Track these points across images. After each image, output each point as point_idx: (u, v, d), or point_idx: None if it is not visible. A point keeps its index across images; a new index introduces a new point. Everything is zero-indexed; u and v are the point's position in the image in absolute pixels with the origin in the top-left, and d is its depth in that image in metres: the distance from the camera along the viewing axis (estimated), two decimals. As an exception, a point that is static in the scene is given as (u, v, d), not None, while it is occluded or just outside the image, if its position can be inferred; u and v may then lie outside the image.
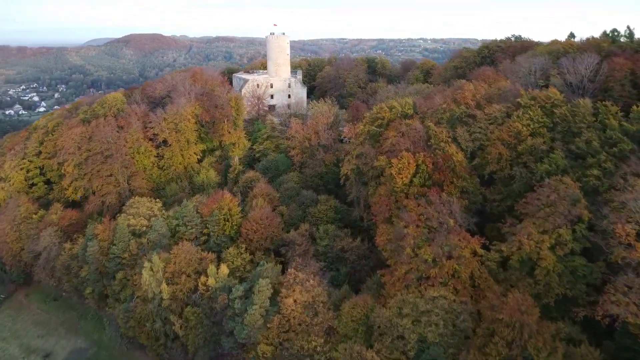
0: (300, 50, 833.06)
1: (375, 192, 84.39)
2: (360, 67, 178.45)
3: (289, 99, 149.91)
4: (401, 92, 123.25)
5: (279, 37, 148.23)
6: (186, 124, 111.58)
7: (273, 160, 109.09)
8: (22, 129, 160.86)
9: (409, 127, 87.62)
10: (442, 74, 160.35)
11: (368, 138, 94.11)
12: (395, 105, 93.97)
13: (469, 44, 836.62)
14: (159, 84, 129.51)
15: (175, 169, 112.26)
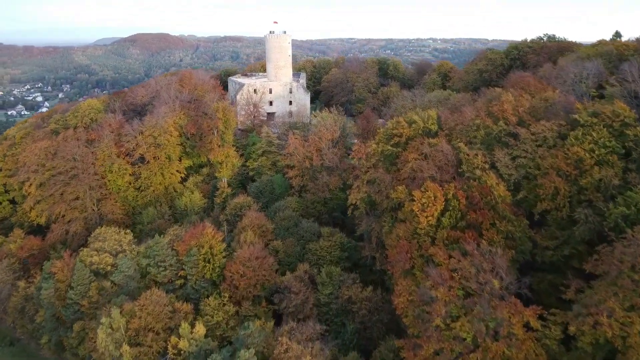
0: (308, 50, 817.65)
1: (392, 231, 67.06)
2: (371, 69, 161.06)
3: (290, 105, 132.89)
4: (419, 100, 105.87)
5: (279, 36, 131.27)
6: (167, 137, 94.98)
7: (268, 181, 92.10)
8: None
9: (434, 148, 70.24)
10: (464, 78, 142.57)
11: (382, 160, 76.88)
12: (415, 119, 76.58)
13: (479, 44, 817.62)
14: (141, 89, 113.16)
15: (154, 191, 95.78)
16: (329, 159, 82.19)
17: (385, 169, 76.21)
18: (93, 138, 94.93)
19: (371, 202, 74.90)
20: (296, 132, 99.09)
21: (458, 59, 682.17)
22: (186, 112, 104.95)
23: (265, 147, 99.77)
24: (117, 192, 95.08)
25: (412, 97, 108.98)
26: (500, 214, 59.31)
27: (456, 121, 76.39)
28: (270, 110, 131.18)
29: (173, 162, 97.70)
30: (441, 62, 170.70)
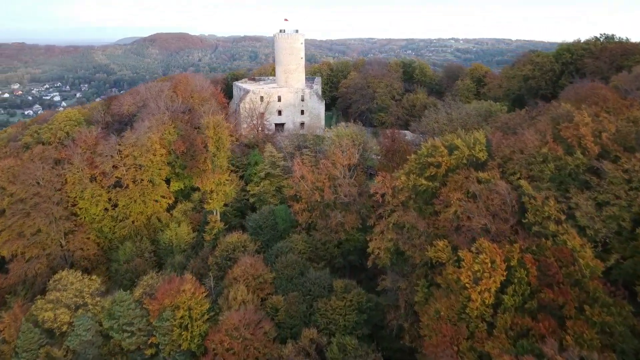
0: (328, 50, 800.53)
1: (428, 301, 49.20)
2: (394, 73, 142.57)
3: (302, 115, 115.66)
4: (456, 114, 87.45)
5: (290, 35, 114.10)
6: (150, 157, 78.66)
7: (269, 214, 74.91)
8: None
9: (485, 186, 52.14)
10: (503, 84, 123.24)
11: (414, 197, 59.02)
12: (458, 144, 58.37)
13: (502, 44, 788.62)
14: (127, 97, 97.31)
15: (134, 222, 79.57)
16: (344, 192, 64.65)
17: (418, 210, 58.26)
18: (62, 157, 79.06)
19: (398, 252, 57.13)
20: (305, 152, 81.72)
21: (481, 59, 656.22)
22: (178, 125, 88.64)
23: (268, 168, 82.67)
24: (90, 222, 79.18)
25: (447, 109, 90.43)
26: (590, 295, 40.92)
27: (512, 148, 57.86)
28: (278, 121, 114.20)
29: (158, 186, 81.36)
30: (474, 66, 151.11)
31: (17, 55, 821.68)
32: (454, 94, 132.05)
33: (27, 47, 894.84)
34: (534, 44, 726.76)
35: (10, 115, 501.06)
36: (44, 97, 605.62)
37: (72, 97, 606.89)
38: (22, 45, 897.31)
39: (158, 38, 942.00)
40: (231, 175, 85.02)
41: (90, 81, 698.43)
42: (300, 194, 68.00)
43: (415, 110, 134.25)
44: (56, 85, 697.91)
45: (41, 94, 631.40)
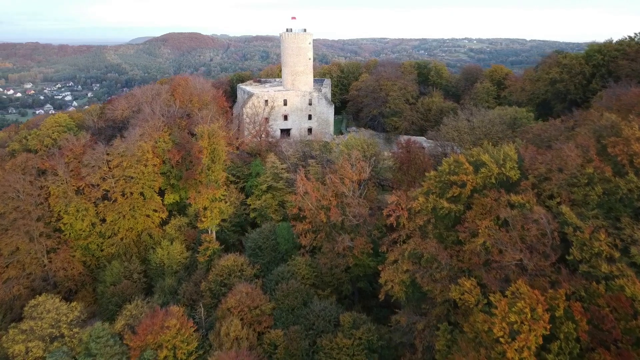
0: (340, 49, 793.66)
1: (451, 349, 41.30)
2: (409, 75, 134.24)
3: (310, 120, 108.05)
4: (478, 120, 79.16)
5: (297, 35, 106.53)
6: (140, 168, 71.69)
7: (270, 233, 67.43)
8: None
9: (520, 213, 44.07)
10: (527, 87, 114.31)
11: (433, 221, 51.10)
12: (485, 159, 50.23)
13: (516, 44, 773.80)
14: (122, 101, 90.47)
15: (123, 239, 72.65)
16: (353, 213, 56.94)
17: (439, 237, 50.34)
18: (46, 167, 72.41)
19: (415, 286, 49.28)
20: (311, 164, 74.01)
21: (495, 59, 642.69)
22: (174, 131, 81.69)
23: (270, 181, 75.19)
24: (75, 239, 72.49)
25: (467, 115, 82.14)
26: (659, 358, 32.83)
27: (549, 165, 49.60)
28: (284, 127, 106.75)
29: (149, 199, 74.38)
30: (494, 67, 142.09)
31: (30, 55, 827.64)
32: (472, 98, 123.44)
33: (40, 46, 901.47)
34: (549, 44, 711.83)
35: (22, 114, 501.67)
36: (55, 97, 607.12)
37: (84, 96, 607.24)
38: (36, 45, 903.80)
39: (170, 38, 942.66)
40: (230, 188, 77.86)
41: (102, 81, 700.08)
42: (304, 213, 60.40)
43: (431, 115, 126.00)
44: (68, 84, 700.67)
45: (53, 93, 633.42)
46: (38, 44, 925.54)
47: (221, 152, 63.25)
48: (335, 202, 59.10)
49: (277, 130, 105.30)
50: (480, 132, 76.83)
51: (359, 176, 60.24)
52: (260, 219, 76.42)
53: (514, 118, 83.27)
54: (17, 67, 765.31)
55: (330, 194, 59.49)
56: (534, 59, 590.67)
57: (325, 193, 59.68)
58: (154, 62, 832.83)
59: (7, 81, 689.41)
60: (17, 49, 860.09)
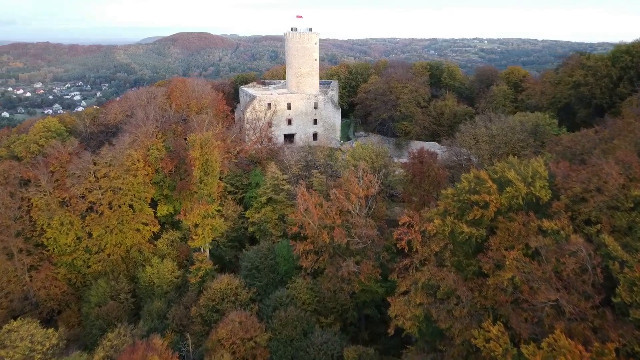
0: (349, 49, 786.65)
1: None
2: (420, 77, 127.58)
3: (315, 125, 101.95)
4: (497, 128, 72.39)
5: (302, 34, 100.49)
6: (129, 179, 66.09)
7: (268, 251, 61.43)
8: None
9: (553, 242, 37.63)
10: (547, 91, 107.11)
11: (451, 247, 44.76)
12: (511, 177, 43.78)
13: (528, 44, 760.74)
14: (115, 105, 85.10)
15: (110, 255, 67.10)
16: (359, 234, 50.77)
17: (458, 266, 44.07)
18: (29, 178, 67.06)
19: (430, 321, 42.96)
20: (315, 174, 67.82)
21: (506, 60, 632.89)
22: (168, 138, 76.09)
23: (270, 193, 69.17)
24: (59, 254, 67.08)
25: (485, 122, 75.37)
26: None
27: (585, 184, 43.07)
28: (288, 132, 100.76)
29: (139, 212, 68.74)
30: (510, 69, 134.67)
31: (41, 55, 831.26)
32: (488, 101, 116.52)
33: (51, 46, 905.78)
34: (561, 44, 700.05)
35: (30, 114, 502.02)
36: (64, 96, 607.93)
37: (92, 96, 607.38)
38: (47, 45, 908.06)
39: (179, 37, 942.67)
40: (227, 200, 72.03)
41: (111, 80, 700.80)
42: (306, 232, 54.32)
43: (444, 119, 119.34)
44: (77, 84, 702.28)
45: (62, 93, 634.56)
46: (49, 43, 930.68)
47: (215, 164, 57.37)
48: (340, 220, 52.92)
49: (280, 135, 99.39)
50: (500, 140, 70.23)
51: (367, 191, 54.00)
52: (259, 234, 70.50)
53: (535, 125, 76.60)
54: (28, 66, 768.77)
55: (334, 211, 53.32)
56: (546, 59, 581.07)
57: (328, 210, 53.53)
58: (163, 62, 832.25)
59: (17, 81, 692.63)
60: (29, 49, 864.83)
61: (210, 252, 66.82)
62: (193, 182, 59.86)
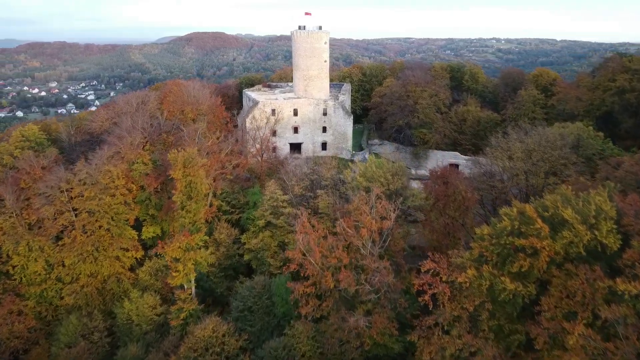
0: (364, 49, 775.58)
1: None
2: (440, 79, 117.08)
3: (324, 134, 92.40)
4: (534, 142, 61.87)
5: (311, 33, 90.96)
6: (106, 200, 57.27)
7: (263, 290, 51.95)
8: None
9: (634, 313, 27.50)
10: (585, 97, 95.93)
11: (490, 308, 34.83)
12: (567, 216, 33.68)
13: (546, 44, 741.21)
14: (102, 111, 76.79)
15: (84, 286, 58.39)
16: (371, 281, 41.11)
17: (498, 333, 34.23)
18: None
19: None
20: (321, 194, 58.16)
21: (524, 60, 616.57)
22: (157, 149, 67.28)
23: (269, 216, 59.75)
24: (28, 284, 58.61)
25: (519, 134, 64.78)
26: None
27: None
28: (294, 141, 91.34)
29: (118, 237, 59.89)
30: (539, 71, 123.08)
31: (57, 54, 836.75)
32: (516, 107, 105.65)
33: (67, 45, 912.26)
34: (580, 44, 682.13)
35: (44, 113, 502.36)
36: (78, 96, 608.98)
37: (106, 95, 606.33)
38: (63, 44, 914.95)
39: (194, 37, 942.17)
40: (220, 223, 62.83)
41: (125, 80, 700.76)
42: (306, 271, 44.86)
43: (466, 126, 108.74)
44: (92, 83, 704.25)
45: (76, 92, 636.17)
46: (65, 43, 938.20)
47: (200, 186, 48.21)
48: (347, 259, 43.29)
49: (285, 145, 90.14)
50: (537, 156, 59.88)
51: (381, 224, 44.29)
52: (255, 263, 61.12)
53: (578, 138, 66.05)
54: (44, 65, 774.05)
55: (340, 247, 43.74)
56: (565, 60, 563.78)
57: (334, 246, 43.95)
58: (178, 61, 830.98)
59: (33, 80, 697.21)
60: (45, 48, 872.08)
61: (198, 284, 57.72)
62: (174, 209, 50.70)
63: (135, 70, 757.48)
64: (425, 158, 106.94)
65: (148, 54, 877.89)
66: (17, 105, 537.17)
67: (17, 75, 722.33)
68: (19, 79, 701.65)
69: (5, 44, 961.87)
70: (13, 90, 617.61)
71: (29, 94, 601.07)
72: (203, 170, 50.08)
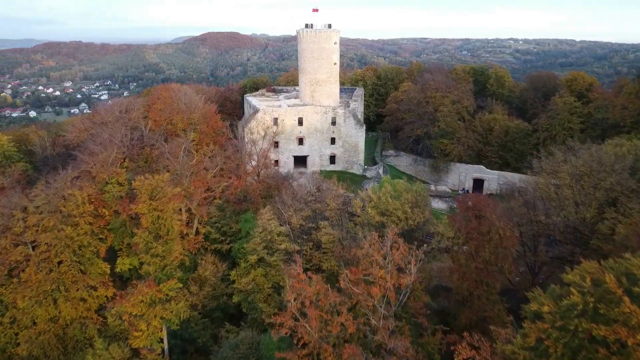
0: (379, 50, 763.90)
1: None
2: (464, 84, 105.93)
3: (333, 145, 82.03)
4: (584, 163, 50.71)
5: (319, 32, 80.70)
6: (67, 230, 47.76)
7: (249, 349, 41.81)
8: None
9: None
10: (631, 106, 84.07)
11: None
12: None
13: (565, 45, 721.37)
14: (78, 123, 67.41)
15: (41, 333, 48.93)
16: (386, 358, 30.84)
17: None
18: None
19: None
20: (325, 226, 47.89)
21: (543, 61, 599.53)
22: (138, 166, 57.71)
23: (262, 251, 49.67)
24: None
25: (566, 155, 53.62)
26: None
27: None
28: (299, 153, 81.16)
29: (82, 275, 50.36)
30: (573, 75, 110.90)
31: (73, 54, 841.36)
32: (550, 117, 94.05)
33: (83, 45, 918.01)
34: (600, 45, 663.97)
35: (57, 113, 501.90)
36: (92, 95, 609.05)
37: (120, 95, 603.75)
38: (79, 44, 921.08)
39: (209, 37, 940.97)
40: (206, 256, 52.96)
41: (139, 80, 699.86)
42: (301, 338, 34.81)
43: (493, 137, 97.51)
44: (106, 83, 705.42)
45: (90, 92, 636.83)
46: (81, 42, 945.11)
47: (171, 222, 38.28)
48: (354, 327, 33.09)
49: (289, 158, 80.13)
50: (589, 182, 48.87)
51: (398, 279, 33.98)
52: (246, 306, 51.12)
53: (635, 159, 54.80)
54: (60, 65, 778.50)
55: (344, 310, 33.55)
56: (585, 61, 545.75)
57: (336, 308, 33.75)
58: (192, 61, 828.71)
59: (48, 79, 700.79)
60: (61, 48, 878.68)
61: (176, 333, 47.94)
62: (136, 251, 40.99)
63: (149, 70, 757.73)
64: (446, 172, 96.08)
65: (163, 53, 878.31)
66: (30, 105, 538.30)
67: (33, 74, 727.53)
68: (34, 78, 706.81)
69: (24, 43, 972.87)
70: (28, 89, 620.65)
71: (43, 93, 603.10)
72: (174, 203, 40.22)
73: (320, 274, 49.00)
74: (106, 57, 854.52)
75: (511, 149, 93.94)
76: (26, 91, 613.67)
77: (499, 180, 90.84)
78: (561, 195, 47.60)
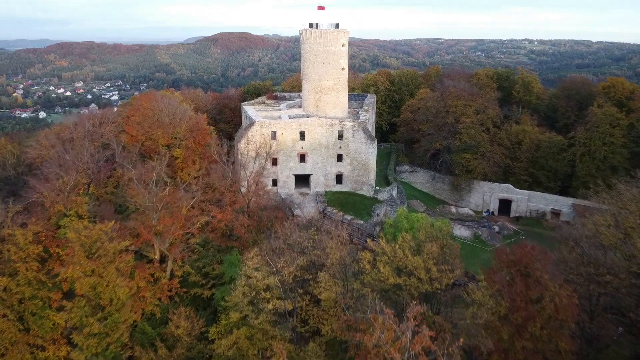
0: (392, 50, 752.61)
1: None
2: (489, 92, 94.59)
3: (339, 163, 71.36)
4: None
5: (325, 33, 70.21)
6: (3, 280, 37.95)
7: None
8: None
9: None
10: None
11: None
12: None
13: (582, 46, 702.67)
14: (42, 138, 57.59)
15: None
16: None
17: None
18: None
19: None
20: (324, 279, 37.54)
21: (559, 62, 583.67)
22: (103, 194, 47.82)
23: (246, 308, 39.50)
24: None
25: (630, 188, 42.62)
26: None
27: None
28: (301, 172, 70.66)
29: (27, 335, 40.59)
30: (611, 81, 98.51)
31: (85, 54, 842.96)
32: (588, 129, 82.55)
33: (95, 45, 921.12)
34: (618, 45, 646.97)
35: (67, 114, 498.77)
36: (102, 96, 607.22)
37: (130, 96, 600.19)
38: (91, 44, 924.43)
39: (220, 37, 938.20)
40: (178, 309, 42.85)
41: (150, 80, 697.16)
42: None
43: (521, 152, 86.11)
44: (117, 83, 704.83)
45: (101, 92, 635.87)
46: (93, 42, 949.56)
47: (115, 290, 28.15)
48: None
49: (289, 177, 69.81)
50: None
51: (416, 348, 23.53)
52: (226, 372, 41.06)
53: None
54: (72, 65, 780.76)
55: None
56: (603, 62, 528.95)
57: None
58: (203, 62, 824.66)
59: (60, 79, 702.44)
60: (74, 48, 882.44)
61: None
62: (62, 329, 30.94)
63: (160, 70, 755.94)
64: (469, 191, 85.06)
65: (174, 54, 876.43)
66: (41, 106, 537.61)
67: (45, 74, 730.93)
68: (46, 78, 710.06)
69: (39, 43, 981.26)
70: (40, 90, 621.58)
71: (54, 94, 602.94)
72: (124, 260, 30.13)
73: (318, 339, 38.94)
74: (118, 57, 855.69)
75: (543, 166, 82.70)
76: (38, 91, 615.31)
77: (529, 201, 79.93)
78: (631, 243, 36.67)
